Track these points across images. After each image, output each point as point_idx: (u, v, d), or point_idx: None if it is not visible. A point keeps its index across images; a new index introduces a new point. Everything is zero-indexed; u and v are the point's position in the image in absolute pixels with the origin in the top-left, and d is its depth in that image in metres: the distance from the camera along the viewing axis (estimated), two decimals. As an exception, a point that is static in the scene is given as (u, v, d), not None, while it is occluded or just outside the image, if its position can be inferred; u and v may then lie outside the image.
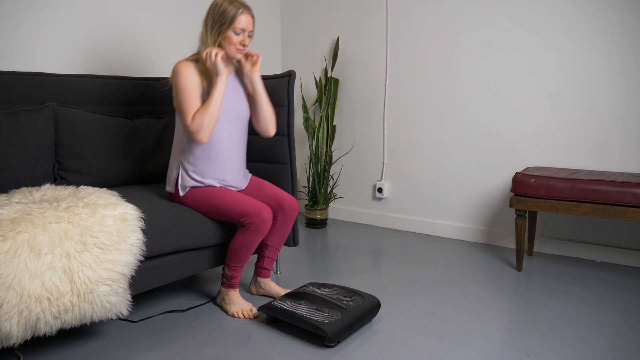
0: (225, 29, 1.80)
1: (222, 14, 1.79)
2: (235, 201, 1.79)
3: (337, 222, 3.43)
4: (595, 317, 1.83)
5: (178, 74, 1.80)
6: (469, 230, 2.92)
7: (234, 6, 1.79)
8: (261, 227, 1.76)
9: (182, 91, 1.79)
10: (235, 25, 1.79)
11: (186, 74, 1.80)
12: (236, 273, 1.86)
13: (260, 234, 1.77)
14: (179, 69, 1.81)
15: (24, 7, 2.20)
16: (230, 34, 1.80)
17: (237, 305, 1.86)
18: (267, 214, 1.76)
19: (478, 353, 1.56)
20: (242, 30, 1.81)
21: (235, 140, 1.92)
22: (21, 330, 1.29)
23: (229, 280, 1.87)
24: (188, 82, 1.79)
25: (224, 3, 1.80)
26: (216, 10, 1.81)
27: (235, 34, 1.81)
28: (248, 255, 1.83)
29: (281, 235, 1.97)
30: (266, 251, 1.98)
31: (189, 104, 1.78)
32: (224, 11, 1.79)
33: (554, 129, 2.59)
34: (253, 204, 1.77)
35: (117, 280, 1.46)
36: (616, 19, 2.37)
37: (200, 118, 1.74)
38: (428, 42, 2.98)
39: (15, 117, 1.88)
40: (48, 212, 1.41)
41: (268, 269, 2.01)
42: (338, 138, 3.46)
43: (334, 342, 1.57)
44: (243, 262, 1.84)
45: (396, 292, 2.08)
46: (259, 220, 1.74)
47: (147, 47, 2.72)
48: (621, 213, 2.07)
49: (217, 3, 1.82)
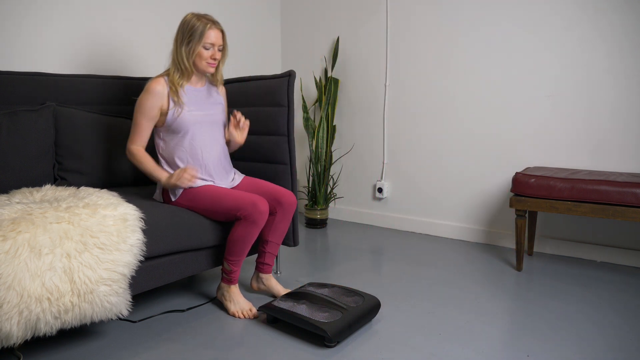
0: (195, 45, 1.86)
1: (191, 30, 1.85)
2: (228, 196, 1.81)
3: (337, 222, 3.43)
4: (595, 317, 1.83)
5: (144, 92, 1.88)
6: (469, 230, 2.92)
7: (201, 22, 1.85)
8: (257, 218, 1.76)
9: (139, 112, 1.88)
10: (204, 41, 1.85)
11: (151, 93, 1.86)
12: (235, 267, 1.85)
13: (256, 225, 1.77)
14: (147, 88, 1.88)
15: (24, 7, 2.20)
16: (200, 50, 1.87)
17: (237, 304, 1.86)
18: (262, 206, 1.77)
19: (478, 353, 1.56)
20: (211, 45, 1.88)
21: (214, 143, 1.98)
22: (21, 330, 1.29)
23: (229, 275, 1.86)
24: (148, 103, 1.86)
25: (192, 19, 1.87)
26: (185, 27, 1.87)
27: (205, 49, 1.87)
28: (246, 249, 1.83)
29: (280, 230, 1.97)
30: (266, 247, 1.98)
31: (138, 129, 1.88)
32: (193, 27, 1.85)
33: (554, 129, 2.59)
34: (247, 196, 1.79)
35: (117, 281, 1.46)
36: (616, 19, 2.37)
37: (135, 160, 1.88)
38: (428, 42, 2.98)
39: (15, 117, 1.88)
40: (48, 212, 1.41)
41: (269, 264, 2.01)
42: (338, 138, 3.46)
43: (334, 342, 1.57)
44: (241, 256, 1.84)
45: (396, 292, 2.08)
46: (254, 212, 1.75)
47: (147, 47, 2.72)
48: (621, 213, 2.07)
49: (186, 20, 1.88)
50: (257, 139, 2.25)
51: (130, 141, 1.90)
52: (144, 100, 1.87)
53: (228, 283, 1.88)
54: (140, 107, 1.87)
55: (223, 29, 1.92)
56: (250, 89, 2.28)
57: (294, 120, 2.20)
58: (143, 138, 1.90)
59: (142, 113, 1.87)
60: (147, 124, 1.88)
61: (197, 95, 1.97)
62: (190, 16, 1.88)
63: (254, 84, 2.28)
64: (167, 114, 1.88)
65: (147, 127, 1.89)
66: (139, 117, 1.88)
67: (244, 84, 2.32)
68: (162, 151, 1.94)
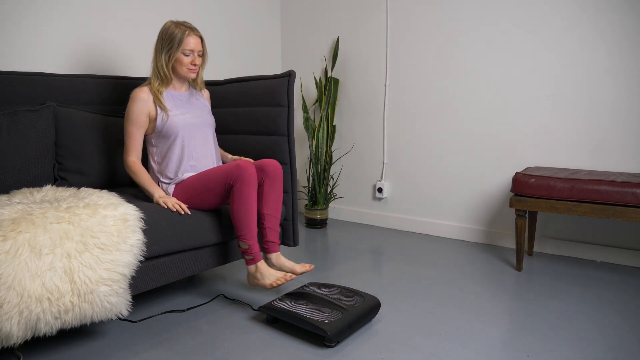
0: (174, 52, 1.90)
1: (169, 37, 1.90)
2: (214, 170, 1.88)
3: (337, 222, 3.43)
4: (595, 317, 1.83)
5: (129, 102, 1.92)
6: (469, 230, 2.92)
7: (179, 29, 1.90)
8: (245, 176, 1.79)
9: (128, 121, 1.92)
10: (183, 47, 1.90)
11: (136, 101, 1.91)
12: (251, 241, 1.83)
13: (248, 185, 1.79)
14: (132, 96, 1.92)
15: (24, 7, 2.20)
16: (180, 56, 1.92)
17: (271, 275, 1.83)
18: (245, 164, 1.81)
19: (478, 353, 1.56)
20: (190, 51, 1.92)
21: (205, 144, 2.02)
22: (21, 330, 1.29)
23: (249, 253, 1.83)
24: (135, 111, 1.91)
25: (171, 27, 1.91)
26: (164, 35, 1.92)
27: (185, 55, 1.92)
28: (251, 217, 1.82)
29: (273, 200, 1.96)
30: (265, 221, 1.94)
31: (130, 139, 1.92)
32: (171, 34, 1.90)
33: (554, 129, 2.59)
34: (231, 163, 1.85)
35: (117, 281, 1.46)
36: (616, 19, 2.37)
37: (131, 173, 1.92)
38: (428, 42, 2.98)
39: (15, 117, 1.88)
40: (49, 212, 1.41)
41: (274, 241, 1.96)
42: (338, 138, 3.46)
43: (334, 342, 1.57)
44: (252, 228, 1.82)
45: (396, 292, 2.08)
46: (240, 172, 1.79)
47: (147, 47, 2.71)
48: (621, 213, 2.07)
49: (165, 28, 1.93)
50: (257, 139, 2.25)
51: (126, 153, 1.93)
52: (131, 109, 1.91)
53: (253, 262, 1.85)
54: (129, 116, 1.92)
55: (202, 35, 1.97)
56: (250, 89, 2.28)
57: (294, 120, 2.20)
58: (137, 148, 1.94)
59: (131, 121, 1.91)
60: (138, 132, 1.92)
61: (181, 99, 2.02)
62: (169, 24, 1.93)
63: (254, 84, 2.28)
64: (155, 119, 1.93)
65: (138, 136, 1.93)
66: (128, 127, 1.92)
67: (244, 84, 2.32)
68: (156, 158, 1.98)
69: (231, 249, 2.00)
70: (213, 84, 2.46)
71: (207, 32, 3.06)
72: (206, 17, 3.06)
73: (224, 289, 2.11)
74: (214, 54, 3.13)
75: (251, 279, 1.88)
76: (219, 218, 1.90)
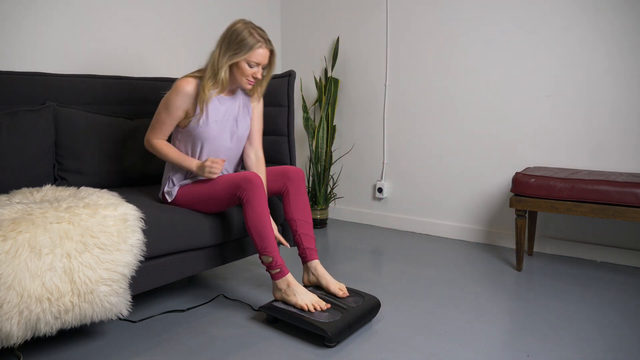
0: (239, 58, 1.74)
1: (240, 42, 1.72)
2: (221, 179, 1.79)
3: (337, 222, 3.43)
4: (595, 317, 1.83)
5: (172, 90, 1.79)
6: (469, 230, 2.92)
7: (253, 37, 1.73)
8: (254, 188, 1.70)
9: (164, 108, 1.81)
10: (250, 58, 1.74)
11: (180, 94, 1.78)
12: (274, 253, 1.71)
13: (259, 197, 1.71)
14: (176, 87, 1.78)
15: (24, 7, 2.20)
16: (243, 65, 1.75)
17: (304, 295, 1.70)
18: (250, 175, 1.73)
19: (478, 353, 1.56)
20: (256, 64, 1.76)
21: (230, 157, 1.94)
22: (21, 330, 1.29)
23: (274, 266, 1.72)
24: (175, 103, 1.78)
25: (245, 31, 1.73)
26: (234, 37, 1.73)
27: (249, 66, 1.76)
28: (268, 228, 1.72)
29: (302, 205, 1.90)
30: (298, 227, 1.87)
31: (160, 125, 1.83)
32: (243, 40, 1.72)
33: (554, 129, 2.59)
34: (238, 175, 1.76)
35: (117, 281, 1.46)
36: (616, 19, 2.37)
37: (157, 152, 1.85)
38: (428, 42, 2.98)
39: (15, 117, 1.88)
40: (49, 212, 1.41)
41: (310, 247, 1.87)
42: (338, 138, 3.46)
43: (334, 342, 1.57)
44: (271, 239, 1.72)
45: (396, 292, 2.08)
46: (248, 184, 1.71)
47: (147, 47, 2.72)
48: (621, 213, 2.07)
49: (237, 29, 1.74)
50: (257, 139, 2.25)
51: (152, 134, 1.85)
52: (172, 99, 1.78)
53: (281, 276, 1.73)
54: (166, 105, 1.80)
55: (274, 49, 1.81)
56: (250, 89, 2.27)
57: (294, 120, 2.20)
58: (165, 133, 1.86)
59: (167, 111, 1.80)
60: (171, 122, 1.83)
61: (226, 106, 1.87)
62: (241, 25, 1.75)
63: (254, 84, 2.28)
64: (190, 118, 1.82)
65: (169, 125, 1.84)
66: (163, 114, 1.81)
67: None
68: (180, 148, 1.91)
69: (231, 249, 2.00)
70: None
71: (207, 32, 3.06)
72: (206, 17, 3.06)
73: (224, 289, 2.11)
74: (214, 54, 3.12)
75: (279, 294, 1.75)
76: (220, 219, 1.90)
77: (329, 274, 1.86)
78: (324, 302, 1.71)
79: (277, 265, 1.73)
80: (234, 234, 1.95)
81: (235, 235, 1.96)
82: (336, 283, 1.83)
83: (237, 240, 2.01)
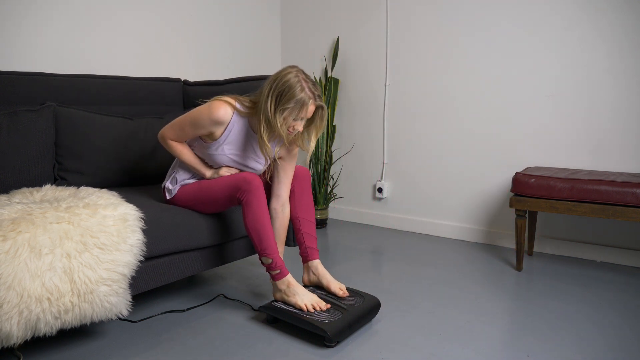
0: (287, 113, 1.64)
1: (290, 96, 1.61)
2: (221, 180, 1.79)
3: (337, 222, 3.43)
4: (595, 317, 1.83)
5: (207, 109, 1.70)
6: (469, 230, 2.92)
7: (305, 95, 1.63)
8: (253, 189, 1.69)
9: (191, 122, 1.73)
10: (300, 115, 1.65)
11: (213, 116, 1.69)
12: (274, 255, 1.71)
13: (258, 198, 1.70)
14: (212, 109, 1.69)
15: (24, 7, 2.20)
16: (289, 120, 1.66)
17: (304, 295, 1.70)
18: (250, 176, 1.72)
19: (478, 353, 1.56)
20: (302, 118, 1.68)
21: None
22: (21, 330, 1.29)
23: (274, 267, 1.72)
24: (204, 122, 1.70)
25: (297, 85, 1.62)
26: (285, 88, 1.62)
27: (293, 119, 1.67)
28: (268, 229, 1.71)
29: (305, 203, 1.90)
30: (301, 225, 1.87)
31: (181, 132, 1.77)
32: (294, 95, 1.61)
33: (554, 129, 2.59)
34: (238, 176, 1.75)
35: (117, 281, 1.46)
36: (616, 19, 2.37)
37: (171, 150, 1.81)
38: (428, 42, 2.98)
39: (15, 117, 1.88)
40: (49, 212, 1.41)
41: (311, 246, 1.86)
42: (338, 138, 3.46)
43: (334, 342, 1.57)
44: (270, 240, 1.71)
45: (396, 292, 2.08)
46: (248, 186, 1.69)
47: (147, 47, 2.72)
48: (621, 213, 2.07)
49: (289, 80, 1.63)
50: (257, 139, 2.25)
51: (170, 133, 1.80)
52: (203, 119, 1.71)
53: (281, 277, 1.72)
54: (195, 121, 1.72)
55: (323, 105, 1.70)
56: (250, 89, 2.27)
57: (294, 120, 2.20)
58: (182, 139, 1.82)
59: (193, 126, 1.74)
60: (192, 135, 1.78)
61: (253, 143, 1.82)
62: (294, 76, 1.63)
63: (254, 84, 2.28)
64: (214, 140, 1.77)
65: (190, 136, 1.79)
66: (188, 127, 1.75)
67: (244, 84, 2.32)
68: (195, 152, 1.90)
69: (231, 249, 2.00)
70: (213, 84, 2.46)
71: (207, 32, 3.06)
72: (206, 17, 3.06)
73: (224, 289, 2.11)
74: (214, 54, 3.13)
75: (279, 294, 1.75)
76: (219, 219, 1.90)
77: (330, 274, 1.87)
78: (324, 302, 1.71)
79: (277, 266, 1.73)
80: (234, 234, 1.95)
81: (235, 235, 1.96)
82: (336, 283, 1.83)
83: (237, 240, 2.01)
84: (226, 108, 1.71)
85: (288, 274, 1.74)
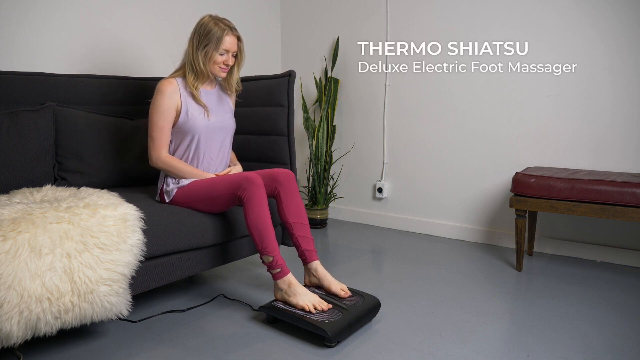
0: (212, 50, 1.86)
1: (207, 34, 1.86)
2: (221, 179, 1.83)
3: (337, 222, 3.43)
4: (596, 317, 1.83)
5: (157, 92, 1.88)
6: (469, 230, 2.92)
7: (219, 27, 1.86)
8: (254, 188, 1.72)
9: (156, 114, 1.87)
10: (220, 47, 1.86)
11: (165, 94, 1.86)
12: (274, 253, 1.72)
13: (259, 196, 1.72)
14: (159, 88, 1.88)
15: (24, 7, 2.20)
16: (215, 54, 1.87)
17: (305, 296, 1.69)
18: (253, 176, 1.74)
19: (478, 353, 1.56)
20: (225, 51, 1.88)
21: (221, 149, 2.00)
22: (21, 330, 1.29)
23: (275, 266, 1.72)
24: (164, 105, 1.86)
25: (210, 23, 1.87)
26: (202, 30, 1.87)
27: (220, 54, 1.88)
28: (269, 228, 1.72)
29: (294, 206, 1.87)
30: (294, 230, 1.86)
31: (159, 133, 1.87)
32: (210, 32, 1.85)
33: (554, 129, 2.59)
34: (239, 174, 1.79)
35: (117, 281, 1.46)
36: (616, 19, 2.37)
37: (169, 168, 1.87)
38: (428, 42, 2.98)
39: (15, 117, 1.88)
40: (49, 212, 1.41)
41: (308, 249, 1.86)
42: (338, 138, 3.46)
43: (334, 342, 1.57)
44: (271, 239, 1.72)
45: (396, 292, 2.08)
46: (249, 184, 1.72)
47: (147, 47, 2.72)
48: (621, 213, 2.07)
49: (203, 23, 1.88)
50: (257, 139, 2.25)
51: (157, 149, 1.88)
52: (159, 102, 1.86)
53: (282, 276, 1.72)
54: (159, 110, 1.86)
55: (240, 36, 1.92)
56: (250, 89, 2.28)
57: (294, 120, 2.20)
58: (166, 141, 1.90)
59: (160, 114, 1.86)
60: (167, 126, 1.89)
61: (209, 98, 1.98)
62: (207, 19, 1.88)
63: (254, 84, 2.28)
64: (179, 115, 1.89)
65: (167, 129, 1.89)
66: (158, 120, 1.86)
67: (244, 84, 2.32)
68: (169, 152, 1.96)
69: (231, 249, 2.00)
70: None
71: (207, 32, 3.06)
72: (206, 17, 3.06)
73: (224, 289, 2.11)
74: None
75: (280, 294, 1.74)
76: (220, 218, 1.90)
77: (330, 275, 1.86)
78: (325, 302, 1.71)
79: (278, 265, 1.73)
80: (234, 233, 1.95)
81: (235, 235, 1.96)
82: (337, 283, 1.83)
83: (237, 240, 2.01)
84: (168, 80, 1.90)
85: (289, 273, 1.74)
